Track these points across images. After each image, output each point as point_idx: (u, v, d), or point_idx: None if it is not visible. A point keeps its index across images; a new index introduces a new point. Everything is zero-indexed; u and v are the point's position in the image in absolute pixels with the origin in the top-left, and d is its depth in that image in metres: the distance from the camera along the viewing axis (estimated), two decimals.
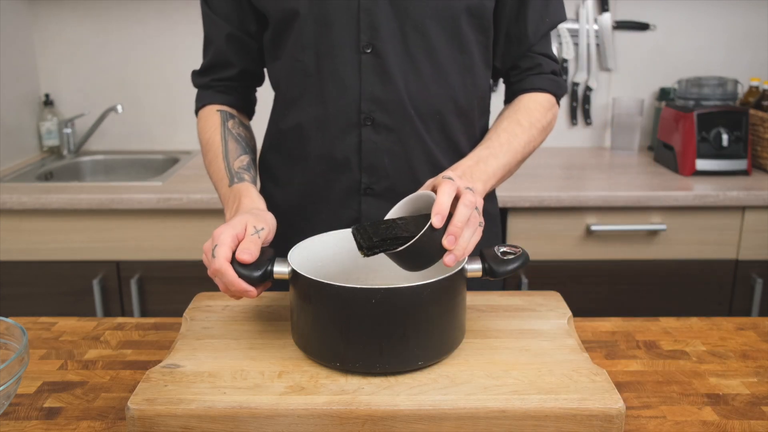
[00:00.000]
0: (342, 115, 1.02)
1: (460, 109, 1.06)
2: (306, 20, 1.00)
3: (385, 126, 1.02)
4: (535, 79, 1.10)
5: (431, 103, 1.03)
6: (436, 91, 1.03)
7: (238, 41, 1.10)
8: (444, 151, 1.07)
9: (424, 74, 1.02)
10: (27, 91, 2.35)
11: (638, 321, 1.05)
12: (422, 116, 1.03)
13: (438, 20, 1.00)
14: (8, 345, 0.85)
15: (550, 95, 1.10)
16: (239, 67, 1.12)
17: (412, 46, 1.00)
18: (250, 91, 1.18)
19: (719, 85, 2.15)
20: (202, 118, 1.12)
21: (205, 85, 1.14)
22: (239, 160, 1.03)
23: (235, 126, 1.09)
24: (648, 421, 0.80)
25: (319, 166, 1.06)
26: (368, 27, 0.99)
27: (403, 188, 1.04)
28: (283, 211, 1.10)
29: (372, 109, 1.02)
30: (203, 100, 1.14)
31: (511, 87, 1.13)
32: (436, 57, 1.01)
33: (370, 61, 1.00)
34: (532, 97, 1.09)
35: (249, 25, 1.09)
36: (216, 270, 0.79)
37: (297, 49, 1.02)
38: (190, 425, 0.72)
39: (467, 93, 1.06)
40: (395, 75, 1.00)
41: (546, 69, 1.10)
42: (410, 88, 1.01)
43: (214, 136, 1.07)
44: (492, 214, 1.16)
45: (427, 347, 0.78)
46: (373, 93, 1.01)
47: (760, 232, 1.92)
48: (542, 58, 1.10)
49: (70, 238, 1.91)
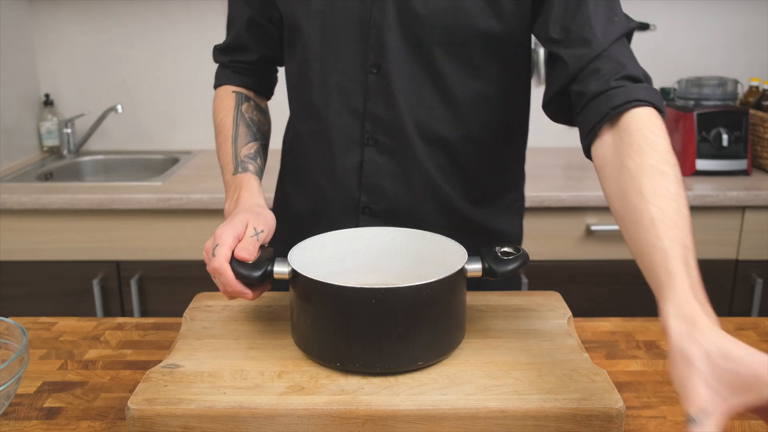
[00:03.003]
0: (345, 131, 1.01)
1: (472, 137, 1.00)
2: (313, 32, 0.98)
3: (388, 148, 1.00)
4: (628, 90, 0.80)
5: (436, 130, 0.99)
6: (443, 117, 0.98)
7: (259, 27, 1.07)
8: (448, 177, 1.02)
9: (430, 100, 0.97)
10: (27, 91, 2.35)
11: (638, 321, 1.05)
12: (426, 142, 0.99)
13: (446, 46, 0.94)
14: (8, 345, 0.85)
15: (651, 109, 0.79)
16: (258, 53, 1.10)
17: (420, 70, 0.96)
18: (271, 72, 1.15)
19: (719, 85, 2.15)
20: (218, 97, 1.11)
21: (225, 64, 1.12)
22: (247, 147, 1.02)
23: (249, 110, 1.08)
24: (648, 421, 0.80)
25: (322, 178, 1.05)
26: (377, 45, 0.96)
27: (401, 211, 1.02)
28: (294, 211, 1.10)
29: (375, 130, 1.00)
30: (221, 78, 1.12)
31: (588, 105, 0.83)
32: (444, 83, 0.96)
33: (375, 82, 0.97)
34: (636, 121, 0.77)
35: (272, 12, 1.05)
36: (215, 269, 0.79)
37: (305, 58, 1.01)
38: (190, 425, 0.71)
39: (481, 121, 0.99)
40: (399, 99, 0.97)
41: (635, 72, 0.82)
42: (414, 113, 0.98)
43: (227, 119, 1.05)
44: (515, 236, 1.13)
45: (427, 347, 0.78)
46: (377, 114, 0.99)
47: (760, 232, 1.92)
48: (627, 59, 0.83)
49: (70, 238, 1.91)
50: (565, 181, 1.99)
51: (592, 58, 0.83)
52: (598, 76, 0.82)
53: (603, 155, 0.80)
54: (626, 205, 0.72)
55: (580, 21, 0.85)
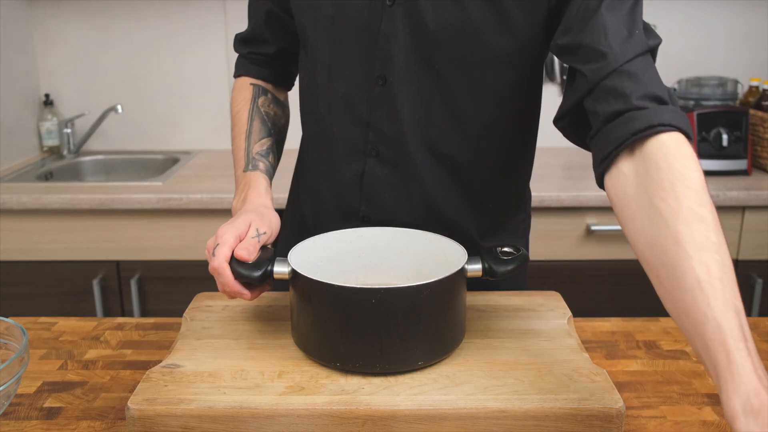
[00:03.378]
0: (349, 139, 0.99)
1: (480, 158, 0.97)
2: (321, 37, 0.96)
3: (390, 160, 0.98)
4: (651, 114, 0.71)
5: (442, 148, 0.96)
6: (450, 136, 0.95)
7: (277, 19, 1.06)
8: (450, 196, 0.99)
9: (437, 117, 0.94)
10: (27, 91, 2.35)
11: (638, 321, 1.05)
12: (430, 159, 0.97)
13: (457, 65, 0.90)
14: (8, 345, 0.85)
15: (679, 134, 0.71)
16: (276, 46, 1.09)
17: (428, 86, 0.93)
18: (290, 64, 1.13)
19: (719, 85, 2.15)
20: (236, 88, 1.10)
21: (244, 54, 1.12)
22: (260, 143, 1.01)
23: (266, 103, 1.07)
24: (648, 421, 0.80)
25: (323, 184, 1.05)
26: (383, 57, 0.93)
27: (401, 224, 0.99)
28: (302, 213, 1.10)
29: (378, 141, 0.98)
30: (240, 69, 1.11)
31: (605, 126, 0.75)
32: (453, 102, 0.93)
33: (381, 94, 0.95)
34: (664, 152, 0.69)
35: (289, 5, 1.03)
36: (214, 269, 0.79)
37: (313, 61, 0.99)
38: (190, 425, 0.72)
39: (490, 143, 0.96)
40: (403, 113, 0.94)
41: (658, 91, 0.74)
42: (419, 129, 0.95)
43: (243, 112, 1.05)
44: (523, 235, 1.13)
45: (427, 347, 0.78)
46: (381, 126, 0.96)
47: (760, 232, 1.92)
48: (648, 77, 0.75)
49: (70, 238, 1.91)
50: (565, 181, 1.99)
51: (608, 73, 0.75)
52: (617, 94, 0.74)
53: (623, 191, 0.71)
54: (661, 258, 0.65)
55: (594, 32, 0.77)
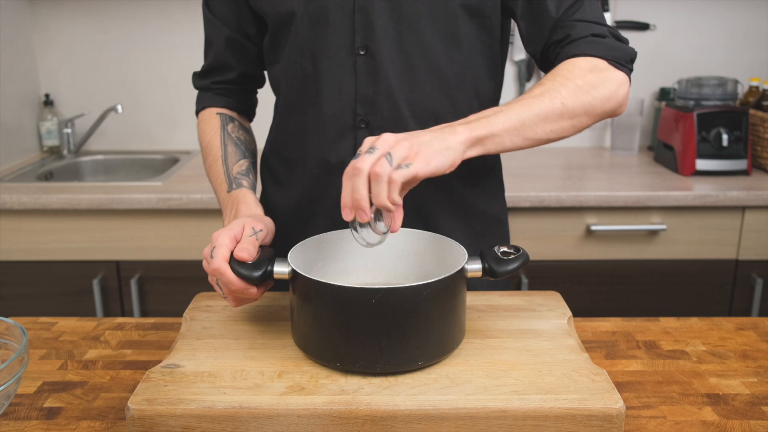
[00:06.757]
0: (338, 117, 1.02)
1: (458, 110, 1.02)
2: (302, 21, 0.99)
3: (380, 128, 1.01)
4: (568, 48, 0.93)
5: (427, 104, 1.01)
6: (432, 91, 1.01)
7: (238, 44, 1.10)
8: None
9: (420, 74, 0.99)
10: (27, 91, 2.35)
11: (638, 321, 1.05)
12: (418, 118, 1.01)
13: (433, 19, 0.97)
14: (8, 345, 0.85)
15: (592, 58, 0.91)
16: (239, 70, 1.12)
17: (407, 45, 0.98)
18: (251, 93, 1.18)
19: (719, 85, 2.15)
20: (202, 121, 1.12)
21: (206, 87, 1.15)
22: (238, 164, 1.03)
23: (235, 129, 1.10)
24: (648, 421, 0.80)
25: (316, 168, 1.06)
26: (363, 27, 0.98)
27: None
28: (283, 213, 1.10)
29: (367, 111, 1.01)
30: (203, 102, 1.14)
31: (550, 68, 0.97)
32: (432, 56, 0.99)
33: (364, 63, 0.99)
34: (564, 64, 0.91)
35: (248, 28, 1.09)
36: (214, 270, 0.79)
37: (294, 51, 1.02)
38: (190, 425, 0.72)
39: (466, 93, 1.03)
40: (389, 76, 0.99)
41: (581, 33, 0.93)
42: (405, 89, 1.00)
43: (214, 140, 1.07)
44: (500, 217, 1.14)
45: (427, 347, 0.78)
46: (368, 95, 1.00)
47: (760, 232, 1.92)
48: (576, 23, 0.94)
49: (70, 238, 1.91)
50: (565, 181, 2.00)
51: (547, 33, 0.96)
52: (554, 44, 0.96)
53: None
54: None
55: None
